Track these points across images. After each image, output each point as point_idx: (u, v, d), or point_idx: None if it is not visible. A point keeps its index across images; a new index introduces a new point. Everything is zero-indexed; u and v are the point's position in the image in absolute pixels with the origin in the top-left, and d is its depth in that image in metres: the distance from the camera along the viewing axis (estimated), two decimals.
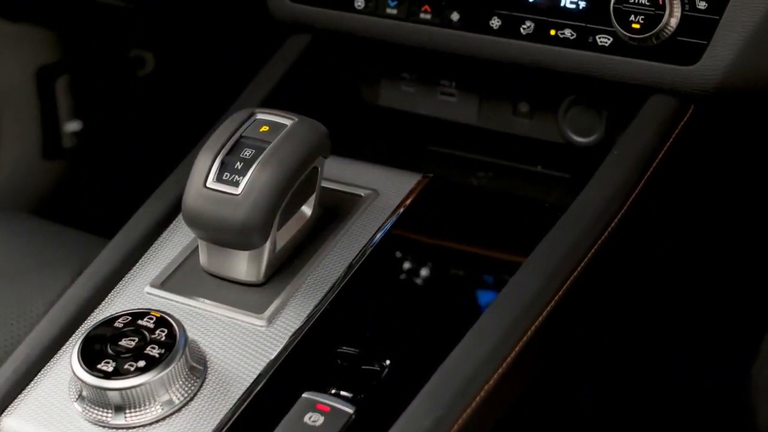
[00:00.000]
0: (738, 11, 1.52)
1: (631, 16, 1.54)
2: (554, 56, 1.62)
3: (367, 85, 1.87)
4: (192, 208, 1.41)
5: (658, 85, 1.58)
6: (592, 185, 1.51)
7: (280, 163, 1.40)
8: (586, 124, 1.73)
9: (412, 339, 1.42)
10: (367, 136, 1.88)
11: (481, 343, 1.35)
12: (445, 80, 1.81)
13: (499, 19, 1.64)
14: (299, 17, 1.78)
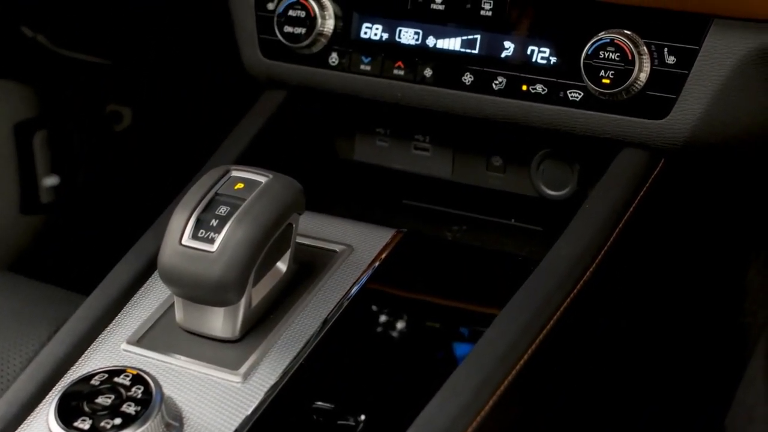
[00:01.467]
0: (706, 66, 1.54)
1: (601, 71, 1.56)
2: (526, 111, 1.64)
3: (342, 140, 1.89)
4: (168, 266, 1.42)
5: (628, 138, 1.60)
6: (564, 239, 1.52)
7: (255, 221, 1.41)
8: (558, 178, 1.75)
9: (388, 393, 1.43)
10: (342, 191, 1.89)
11: (456, 397, 1.35)
12: (419, 135, 1.83)
13: (472, 74, 1.67)
14: (274, 74, 1.80)
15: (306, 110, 1.84)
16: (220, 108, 2.04)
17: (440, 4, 1.68)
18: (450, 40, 1.67)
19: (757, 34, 1.52)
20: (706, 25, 1.54)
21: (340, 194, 1.88)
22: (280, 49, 1.77)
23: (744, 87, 1.55)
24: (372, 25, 1.72)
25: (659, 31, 1.56)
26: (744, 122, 1.58)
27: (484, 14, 1.65)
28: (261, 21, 1.79)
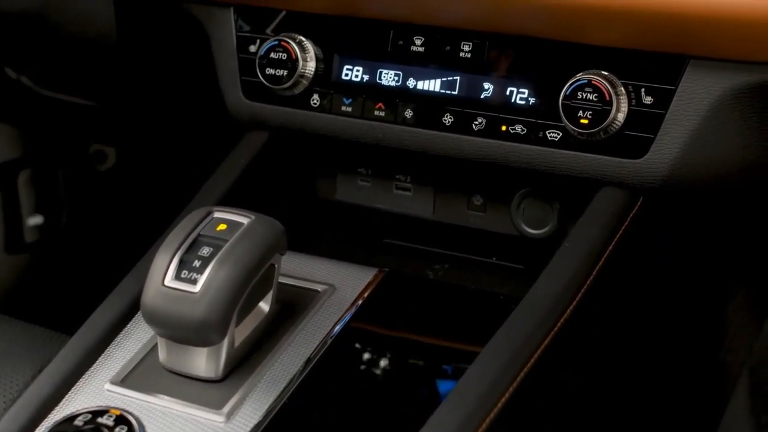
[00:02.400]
0: (683, 106, 1.56)
1: (579, 111, 1.58)
2: (505, 151, 1.66)
3: (324, 180, 1.90)
4: (151, 306, 1.43)
5: (607, 178, 1.62)
6: (544, 278, 1.54)
7: (238, 262, 1.42)
8: (538, 217, 1.76)
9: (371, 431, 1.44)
10: (324, 231, 1.90)
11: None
12: (400, 175, 1.84)
13: (452, 115, 1.68)
14: (256, 115, 1.81)
15: (288, 151, 1.86)
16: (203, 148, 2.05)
17: (420, 46, 1.70)
18: (430, 81, 1.69)
19: (732, 74, 1.54)
20: (683, 66, 1.56)
21: (322, 234, 1.89)
22: (262, 90, 1.79)
23: (720, 126, 1.57)
24: (353, 67, 1.74)
25: (636, 71, 1.58)
26: (721, 161, 1.60)
27: (463, 56, 1.67)
28: (243, 63, 1.81)
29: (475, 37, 1.67)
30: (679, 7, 1.50)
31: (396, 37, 1.71)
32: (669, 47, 1.55)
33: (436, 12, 1.66)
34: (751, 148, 1.59)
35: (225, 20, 1.83)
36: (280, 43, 1.75)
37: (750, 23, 1.48)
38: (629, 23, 1.54)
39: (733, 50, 1.52)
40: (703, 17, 1.49)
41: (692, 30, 1.51)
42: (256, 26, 1.81)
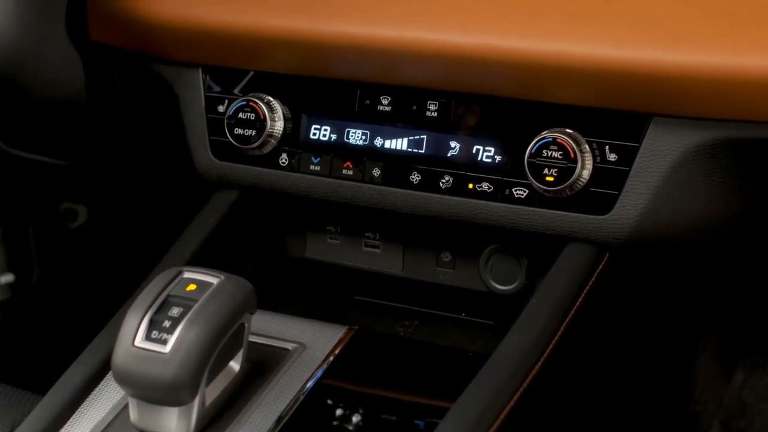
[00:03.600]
0: (647, 162, 1.58)
1: (544, 169, 1.60)
2: (473, 209, 1.67)
3: (293, 238, 1.91)
4: (121, 367, 1.44)
5: (573, 234, 1.63)
6: (513, 333, 1.55)
7: (207, 322, 1.43)
8: (507, 272, 1.77)
9: None
10: (294, 289, 1.91)
11: None
12: (369, 232, 1.85)
13: (419, 174, 1.70)
14: (225, 175, 1.82)
15: (257, 209, 1.87)
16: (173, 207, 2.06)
17: (387, 105, 1.71)
18: (397, 140, 1.71)
19: (695, 131, 1.56)
20: (646, 123, 1.58)
21: (292, 292, 1.90)
22: (230, 150, 1.80)
23: (684, 182, 1.59)
24: (321, 126, 1.76)
25: (600, 129, 1.60)
26: (686, 217, 1.62)
27: (429, 115, 1.69)
28: (211, 123, 1.82)
29: (441, 96, 1.69)
30: (641, 68, 1.52)
31: (363, 97, 1.73)
32: (632, 106, 1.57)
33: (402, 73, 1.68)
34: (714, 204, 1.62)
35: (193, 81, 1.84)
36: (248, 103, 1.76)
37: (710, 83, 1.50)
38: (592, 83, 1.57)
39: (695, 108, 1.54)
40: (664, 77, 1.52)
41: (654, 89, 1.54)
42: (224, 86, 1.83)
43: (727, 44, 1.50)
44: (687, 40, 1.51)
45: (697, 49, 1.50)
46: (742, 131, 1.55)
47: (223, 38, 1.77)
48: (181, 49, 1.83)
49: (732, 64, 1.49)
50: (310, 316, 1.70)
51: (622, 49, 1.54)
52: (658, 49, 1.52)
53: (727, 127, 1.55)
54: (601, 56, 1.54)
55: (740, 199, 1.63)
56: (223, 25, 1.76)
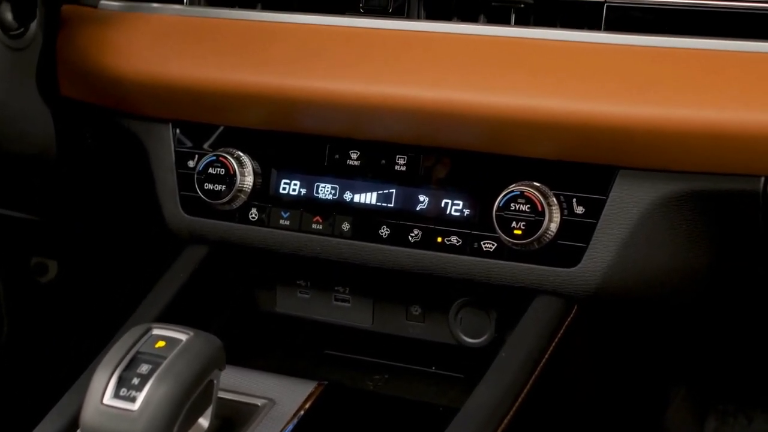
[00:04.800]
0: (614, 215, 1.59)
1: (512, 222, 1.61)
2: (442, 262, 1.68)
3: (264, 293, 1.91)
4: (90, 425, 1.43)
5: (542, 286, 1.64)
6: (482, 387, 1.55)
7: (176, 379, 1.43)
8: (476, 326, 1.78)
9: None
10: (264, 344, 1.91)
11: None
12: (339, 286, 1.86)
13: (388, 228, 1.71)
14: (195, 230, 1.83)
15: (228, 264, 1.87)
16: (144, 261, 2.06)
17: (356, 160, 1.72)
18: (366, 194, 1.72)
19: (661, 183, 1.58)
20: (612, 176, 1.59)
21: (262, 347, 1.90)
22: (200, 205, 1.80)
23: (651, 234, 1.60)
24: (290, 181, 1.77)
25: (567, 182, 1.62)
26: (653, 269, 1.63)
27: (398, 169, 1.70)
28: (181, 178, 1.83)
29: (409, 150, 1.70)
30: (606, 122, 1.54)
31: (332, 152, 1.74)
32: (598, 159, 1.59)
33: (370, 127, 1.70)
34: (681, 256, 1.63)
35: (163, 136, 1.85)
36: (218, 159, 1.77)
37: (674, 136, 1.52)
38: (558, 137, 1.58)
39: (660, 161, 1.56)
40: (629, 131, 1.53)
41: (620, 142, 1.55)
42: (194, 141, 1.83)
43: (691, 98, 1.51)
44: (651, 95, 1.53)
45: (661, 103, 1.52)
46: (707, 183, 1.57)
47: (193, 94, 1.78)
48: (150, 104, 1.84)
49: (696, 118, 1.51)
50: (279, 371, 1.71)
51: (587, 104, 1.55)
52: (623, 103, 1.54)
53: (692, 179, 1.57)
54: (566, 110, 1.56)
55: (706, 250, 1.64)
56: (193, 81, 1.77)
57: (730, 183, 1.55)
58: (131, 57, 1.82)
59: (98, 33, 1.87)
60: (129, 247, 2.33)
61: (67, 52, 1.90)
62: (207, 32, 1.80)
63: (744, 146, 1.50)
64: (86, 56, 1.87)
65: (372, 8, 1.72)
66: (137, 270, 2.10)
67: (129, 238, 2.27)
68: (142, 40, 1.83)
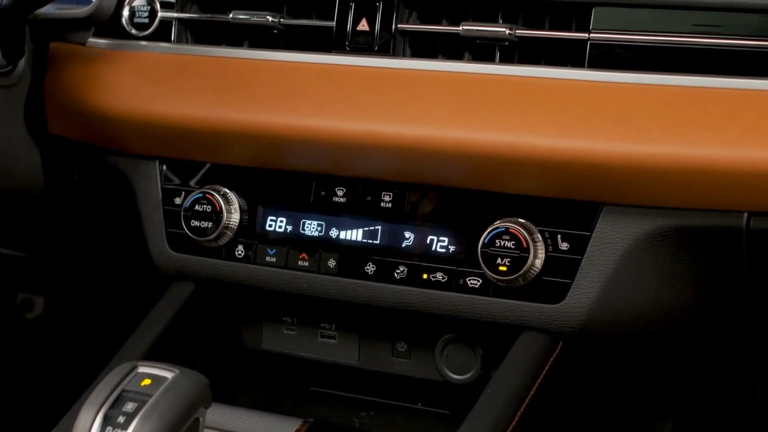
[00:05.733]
0: (598, 251, 1.60)
1: (497, 258, 1.61)
2: (427, 299, 1.68)
3: (250, 329, 1.91)
4: None
5: (527, 323, 1.64)
6: (467, 424, 1.55)
7: (162, 417, 1.42)
8: (462, 362, 1.78)
9: None
10: (250, 381, 1.91)
11: None
12: (325, 323, 1.86)
13: (374, 264, 1.71)
14: (182, 267, 1.83)
15: (214, 301, 1.87)
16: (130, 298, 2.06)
17: (342, 197, 1.73)
18: (352, 231, 1.73)
19: (645, 219, 1.59)
20: (597, 212, 1.60)
21: (248, 384, 1.90)
22: (187, 242, 1.81)
23: (635, 270, 1.61)
24: (276, 218, 1.77)
25: (552, 218, 1.62)
26: (638, 304, 1.63)
27: (384, 206, 1.71)
28: (168, 215, 1.83)
29: (395, 187, 1.71)
30: (590, 159, 1.55)
31: (318, 189, 1.75)
32: (582, 195, 1.60)
33: (356, 165, 1.70)
34: (665, 292, 1.63)
35: (150, 173, 1.86)
36: (204, 196, 1.78)
37: (658, 172, 1.53)
38: (543, 174, 1.59)
39: (644, 197, 1.57)
40: (612, 167, 1.54)
41: (603, 179, 1.56)
42: (180, 178, 1.84)
43: (674, 135, 1.53)
44: (635, 131, 1.54)
45: (644, 139, 1.53)
46: (691, 219, 1.58)
47: (180, 131, 1.79)
48: (137, 141, 1.84)
49: (678, 155, 1.52)
50: (265, 409, 1.70)
51: (571, 141, 1.56)
52: (607, 140, 1.55)
53: (676, 215, 1.58)
54: (550, 147, 1.57)
55: (691, 286, 1.65)
56: (179, 119, 1.78)
57: (713, 219, 1.56)
58: (119, 95, 1.83)
59: (86, 71, 1.88)
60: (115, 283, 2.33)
61: (55, 90, 1.92)
62: (194, 70, 1.81)
63: (727, 182, 1.51)
64: (74, 94, 1.88)
65: (358, 46, 1.73)
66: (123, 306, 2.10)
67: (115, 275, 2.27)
68: (130, 77, 1.84)
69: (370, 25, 1.72)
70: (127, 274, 2.12)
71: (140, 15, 1.89)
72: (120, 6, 1.90)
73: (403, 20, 1.72)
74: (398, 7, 1.71)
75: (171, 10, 1.87)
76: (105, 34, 1.91)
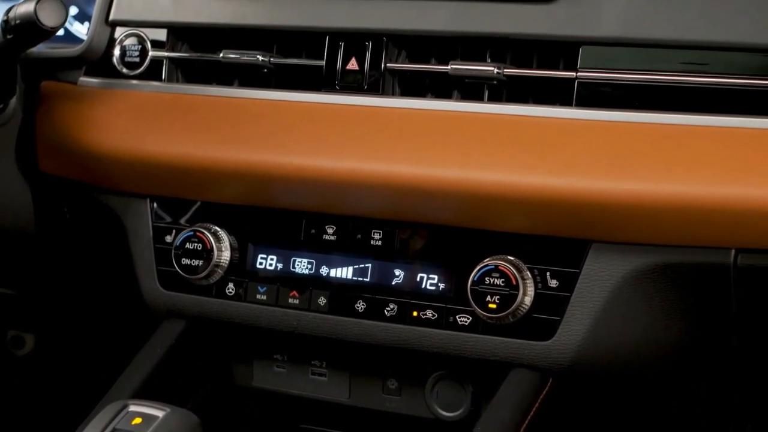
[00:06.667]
0: (587, 288, 1.60)
1: (487, 296, 1.62)
2: (417, 336, 1.69)
3: (241, 367, 1.91)
4: None
5: (517, 360, 1.65)
6: None
7: None
8: (452, 399, 1.78)
9: None
10: (241, 418, 1.91)
11: None
12: (315, 360, 1.86)
13: (364, 302, 1.72)
14: (173, 305, 1.83)
15: (205, 338, 1.87)
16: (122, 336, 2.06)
17: (332, 234, 1.74)
18: (342, 269, 1.73)
19: (634, 256, 1.59)
20: (585, 249, 1.61)
21: (240, 421, 1.89)
22: (178, 280, 1.81)
23: (625, 307, 1.61)
24: (267, 255, 1.78)
25: (541, 256, 1.63)
26: (628, 341, 1.64)
27: (374, 244, 1.72)
28: (159, 253, 1.84)
29: (385, 225, 1.72)
30: (578, 197, 1.56)
31: (309, 226, 1.76)
32: (571, 233, 1.61)
33: (346, 203, 1.71)
34: (655, 328, 1.64)
35: (141, 211, 1.86)
36: (195, 234, 1.78)
37: (647, 210, 1.54)
38: (532, 212, 1.60)
39: (632, 234, 1.58)
40: (601, 205, 1.55)
41: (592, 217, 1.57)
42: (171, 216, 1.85)
43: (661, 173, 1.53)
44: (622, 170, 1.55)
45: (632, 177, 1.54)
46: (679, 256, 1.58)
47: (170, 170, 1.80)
48: (128, 180, 1.85)
49: (665, 192, 1.53)
50: None
51: (559, 179, 1.57)
52: (595, 178, 1.56)
53: (664, 252, 1.59)
54: (540, 185, 1.58)
55: (680, 323, 1.65)
56: (170, 157, 1.79)
57: (701, 256, 1.57)
58: (110, 133, 1.84)
59: (77, 109, 1.89)
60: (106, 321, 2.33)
61: (47, 128, 1.92)
62: (184, 108, 1.82)
63: (714, 220, 1.52)
64: (65, 132, 1.89)
65: (347, 85, 1.74)
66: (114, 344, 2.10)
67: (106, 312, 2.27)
68: (121, 116, 1.85)
69: (360, 64, 1.74)
70: (118, 312, 2.12)
71: (131, 54, 1.90)
72: (111, 45, 1.92)
73: (392, 59, 1.73)
74: (387, 47, 1.73)
75: (162, 49, 1.88)
76: (96, 72, 1.92)
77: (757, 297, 1.60)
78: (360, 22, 1.74)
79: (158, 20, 1.88)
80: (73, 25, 2.09)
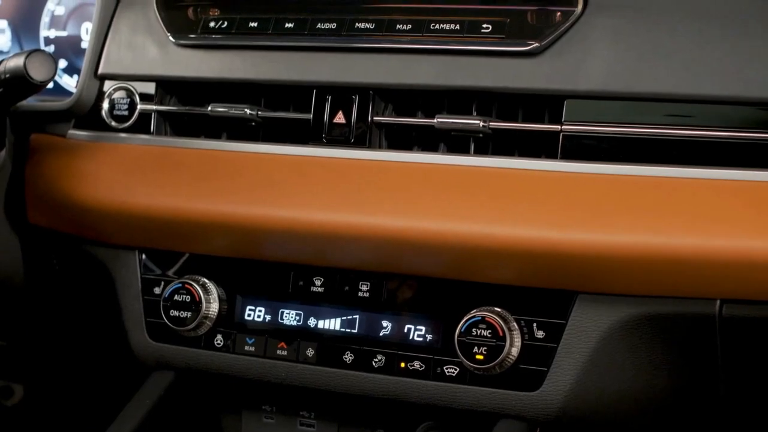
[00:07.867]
0: (574, 339, 1.62)
1: (474, 347, 1.62)
2: (405, 387, 1.69)
3: (229, 418, 1.91)
4: None
5: (504, 410, 1.65)
6: None
7: None
8: None
9: None
10: None
11: None
12: (304, 411, 1.86)
13: (352, 353, 1.72)
14: (162, 356, 1.84)
15: (193, 389, 1.87)
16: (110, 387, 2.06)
17: (320, 286, 1.75)
18: (330, 320, 1.74)
19: (619, 307, 1.60)
20: (571, 301, 1.62)
21: None
22: (166, 332, 1.82)
23: (611, 357, 1.62)
24: (255, 307, 1.79)
25: (528, 307, 1.64)
26: (615, 391, 1.64)
27: (362, 295, 1.73)
28: (147, 305, 1.85)
29: (372, 276, 1.73)
30: (563, 249, 1.57)
31: (297, 278, 1.77)
32: (557, 284, 1.62)
33: (334, 256, 1.72)
34: (641, 378, 1.64)
35: (130, 263, 1.87)
36: (183, 286, 1.79)
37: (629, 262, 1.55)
38: (518, 264, 1.61)
39: (617, 286, 1.59)
40: (586, 257, 1.56)
41: (577, 268, 1.58)
42: (160, 268, 1.86)
43: (645, 225, 1.55)
44: (607, 222, 1.56)
45: (616, 230, 1.56)
46: (665, 307, 1.59)
47: (159, 223, 1.80)
48: (117, 232, 1.86)
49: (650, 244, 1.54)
50: None
51: (545, 231, 1.58)
52: (580, 230, 1.57)
53: (649, 303, 1.60)
54: (525, 238, 1.59)
55: (667, 372, 1.66)
56: (159, 210, 1.80)
57: (687, 306, 1.58)
58: (98, 186, 1.85)
59: (66, 162, 1.90)
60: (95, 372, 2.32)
61: (36, 181, 1.93)
62: (173, 161, 1.83)
63: (698, 271, 1.53)
64: (54, 185, 1.89)
65: (335, 138, 1.76)
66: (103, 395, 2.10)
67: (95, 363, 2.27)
68: (110, 169, 1.86)
69: (347, 117, 1.75)
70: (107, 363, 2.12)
71: (120, 107, 1.91)
72: (100, 98, 1.93)
73: (379, 113, 1.75)
74: (374, 100, 1.74)
75: (150, 102, 1.90)
76: (85, 125, 1.93)
77: (741, 346, 1.61)
78: (347, 76, 1.76)
79: (147, 74, 1.90)
80: (62, 77, 2.11)
